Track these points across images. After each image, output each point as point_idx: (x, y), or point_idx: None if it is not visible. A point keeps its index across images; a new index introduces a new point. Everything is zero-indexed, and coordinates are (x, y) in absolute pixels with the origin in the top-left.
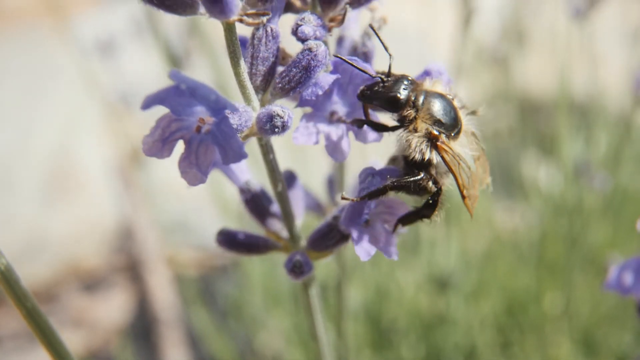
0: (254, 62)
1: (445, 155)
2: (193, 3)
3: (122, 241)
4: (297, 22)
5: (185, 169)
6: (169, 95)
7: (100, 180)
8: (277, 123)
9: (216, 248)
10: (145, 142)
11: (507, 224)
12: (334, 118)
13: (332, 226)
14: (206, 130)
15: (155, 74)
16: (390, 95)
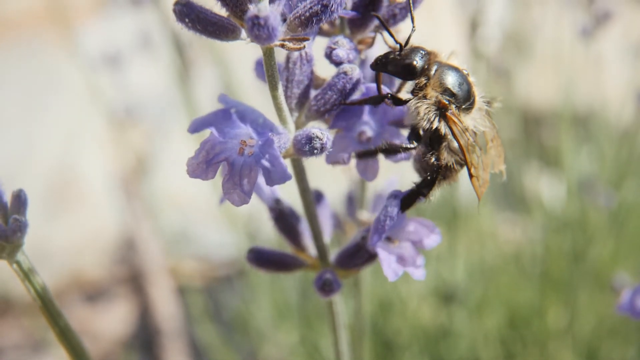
0: (289, 85)
1: (454, 126)
2: (234, 29)
3: (125, 252)
4: (330, 46)
5: (229, 190)
6: (218, 118)
7: (102, 192)
8: (317, 145)
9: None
10: (189, 164)
11: (508, 236)
12: (363, 138)
13: (359, 246)
14: (249, 152)
15: (159, 84)
16: (406, 62)
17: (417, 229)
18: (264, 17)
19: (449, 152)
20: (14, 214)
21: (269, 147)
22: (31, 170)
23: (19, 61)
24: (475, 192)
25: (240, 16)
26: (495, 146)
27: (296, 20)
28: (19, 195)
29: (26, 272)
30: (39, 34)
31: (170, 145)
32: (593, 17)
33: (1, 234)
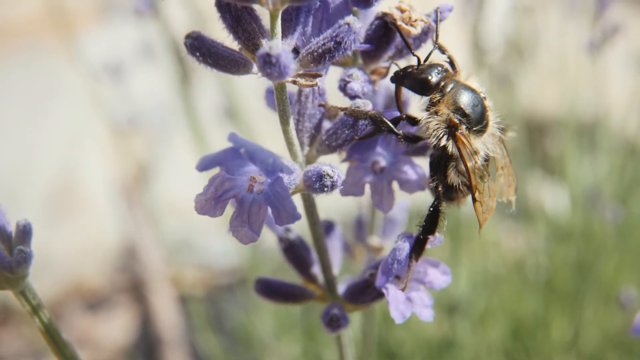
0: (300, 119)
1: (462, 147)
2: (246, 63)
3: (126, 260)
4: (344, 79)
5: (236, 227)
6: (227, 157)
7: (103, 200)
8: (327, 182)
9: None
10: (197, 201)
11: (511, 245)
12: (377, 167)
13: (368, 282)
14: (258, 190)
15: (160, 92)
16: (422, 77)
17: (426, 269)
18: (276, 55)
19: (456, 174)
20: (18, 244)
21: (278, 186)
22: (32, 177)
23: (19, 67)
24: (477, 217)
25: (252, 50)
26: (506, 175)
27: (309, 56)
28: (24, 226)
29: (32, 304)
30: (39, 40)
31: (171, 152)
32: (601, 31)
33: (6, 265)
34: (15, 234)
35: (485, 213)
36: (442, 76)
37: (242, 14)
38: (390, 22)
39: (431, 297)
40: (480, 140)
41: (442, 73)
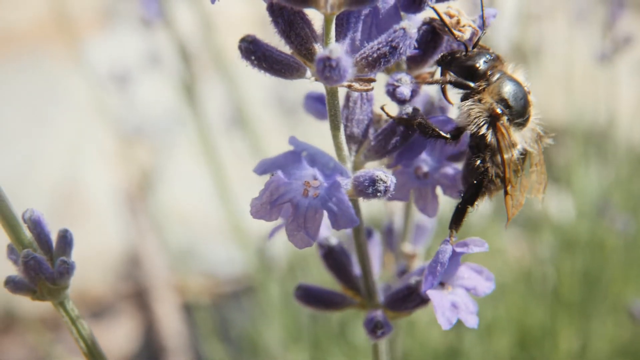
0: (348, 124)
1: (501, 138)
2: (300, 67)
3: (130, 268)
4: (393, 84)
5: (292, 232)
6: (287, 161)
7: (107, 207)
8: (380, 187)
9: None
10: (253, 205)
11: (516, 253)
12: (420, 172)
13: (412, 289)
14: (314, 194)
15: (164, 99)
16: (469, 63)
17: (470, 275)
18: (336, 58)
19: (491, 164)
20: (59, 254)
21: (336, 190)
22: (35, 184)
23: (22, 73)
24: (506, 211)
25: (304, 54)
26: (538, 172)
27: (363, 61)
28: (64, 236)
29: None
30: (42, 46)
31: (175, 160)
32: (612, 41)
33: (48, 276)
34: (57, 244)
35: (514, 208)
36: (489, 64)
37: (294, 18)
38: (438, 27)
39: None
40: (520, 133)
41: (490, 62)
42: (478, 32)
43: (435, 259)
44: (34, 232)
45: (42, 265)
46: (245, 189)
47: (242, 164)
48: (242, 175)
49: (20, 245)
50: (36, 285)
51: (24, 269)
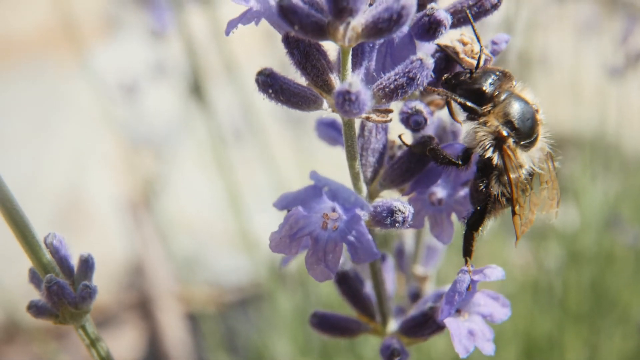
0: (364, 153)
1: (507, 160)
2: (317, 99)
3: (133, 277)
4: (407, 111)
5: (312, 265)
6: (308, 196)
7: (111, 216)
8: (399, 218)
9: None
10: (272, 239)
11: (520, 262)
12: (434, 199)
13: (427, 316)
14: (333, 227)
15: (169, 107)
16: (475, 87)
17: (487, 302)
18: (356, 92)
19: (498, 184)
20: (81, 278)
21: (356, 223)
22: (39, 192)
23: (27, 80)
24: (515, 230)
25: (321, 86)
26: (550, 189)
27: (380, 92)
28: (86, 260)
29: (91, 338)
30: (47, 53)
31: (180, 169)
32: (625, 56)
33: (71, 301)
34: (78, 268)
35: (523, 226)
36: (496, 85)
37: (310, 50)
38: (452, 54)
39: (492, 330)
40: (527, 154)
41: (496, 82)
42: (491, 59)
43: (452, 288)
44: (56, 256)
45: (65, 290)
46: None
47: (250, 171)
48: (249, 182)
49: (42, 269)
50: (59, 310)
51: (47, 294)
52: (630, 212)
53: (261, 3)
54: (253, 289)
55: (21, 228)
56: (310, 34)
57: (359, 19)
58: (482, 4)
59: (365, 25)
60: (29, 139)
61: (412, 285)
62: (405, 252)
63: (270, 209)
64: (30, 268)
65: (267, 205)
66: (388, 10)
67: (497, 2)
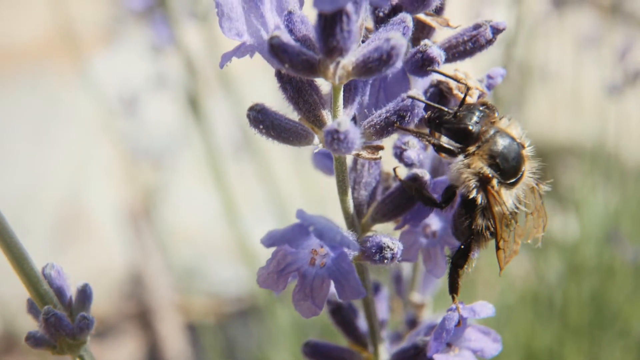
0: (356, 187)
1: (492, 200)
2: (308, 135)
3: (133, 288)
4: (400, 147)
5: (299, 301)
6: (295, 234)
7: (111, 226)
8: (387, 255)
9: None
10: (260, 274)
11: (519, 273)
12: (428, 231)
13: (418, 349)
14: (321, 264)
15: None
16: (461, 126)
17: (477, 337)
18: (344, 131)
19: (482, 218)
20: (79, 308)
21: (342, 261)
22: (39, 202)
23: (26, 90)
24: (498, 263)
25: (312, 121)
26: (535, 218)
27: (371, 129)
28: (84, 290)
29: None
30: (46, 63)
31: (180, 179)
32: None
33: (69, 332)
34: (76, 298)
35: (507, 257)
36: (482, 123)
37: (303, 85)
38: (445, 90)
39: None
40: (512, 191)
41: (482, 120)
42: (485, 94)
43: (441, 325)
44: (54, 286)
45: (63, 322)
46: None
47: (248, 182)
48: (248, 193)
49: (39, 300)
50: (56, 341)
51: (45, 325)
52: (630, 224)
53: (255, 37)
54: (252, 299)
55: (18, 259)
56: (300, 72)
57: (349, 58)
58: (477, 39)
59: (355, 64)
60: (29, 148)
61: (409, 311)
62: (403, 278)
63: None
64: (28, 298)
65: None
66: (378, 50)
67: (492, 38)
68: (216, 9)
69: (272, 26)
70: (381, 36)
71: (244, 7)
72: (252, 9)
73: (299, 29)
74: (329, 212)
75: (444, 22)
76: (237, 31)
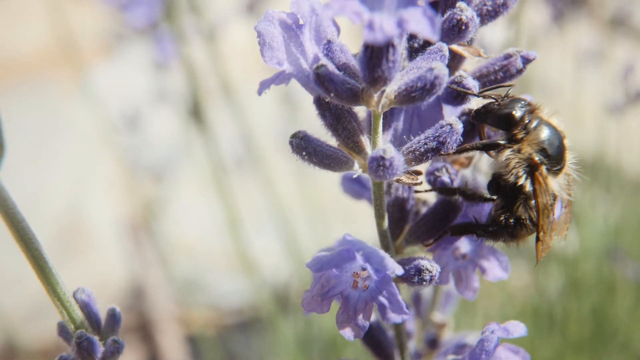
0: (390, 210)
1: (539, 187)
2: (348, 160)
3: (133, 300)
4: (434, 173)
5: (342, 323)
6: (342, 259)
7: (111, 238)
8: (426, 277)
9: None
10: (304, 298)
11: (518, 284)
12: (458, 254)
13: None
14: (364, 286)
15: (168, 130)
16: (505, 112)
17: (508, 355)
18: (390, 158)
19: (525, 208)
20: (108, 332)
21: (386, 284)
22: (40, 214)
23: (26, 101)
24: (536, 255)
25: (352, 147)
26: (566, 213)
27: (410, 155)
28: (113, 315)
29: None
30: (47, 74)
31: (180, 191)
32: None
33: (100, 357)
34: (105, 322)
35: (543, 251)
36: (525, 110)
37: (342, 113)
38: None
39: None
40: (556, 180)
41: (525, 107)
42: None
43: (480, 346)
44: (85, 311)
45: (95, 347)
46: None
47: (250, 194)
48: (249, 205)
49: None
50: None
51: (78, 349)
52: (631, 239)
53: (294, 66)
54: (253, 312)
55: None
56: (344, 100)
57: (392, 87)
58: (508, 68)
59: (398, 93)
60: (30, 160)
61: (430, 331)
62: (423, 298)
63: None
64: (59, 322)
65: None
66: (421, 79)
67: (522, 68)
68: (258, 39)
69: (311, 55)
70: (420, 65)
71: (284, 37)
72: (292, 38)
73: (338, 57)
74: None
75: (475, 52)
76: (277, 60)
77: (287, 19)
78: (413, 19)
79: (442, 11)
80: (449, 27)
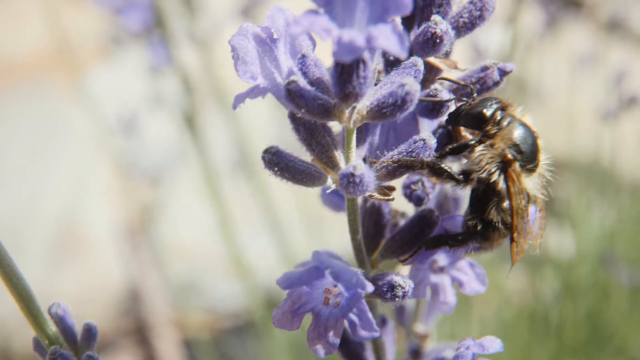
0: (365, 224)
1: (511, 184)
2: (321, 176)
3: (130, 304)
4: (410, 187)
5: (313, 340)
6: (312, 277)
7: (108, 242)
8: (399, 293)
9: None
10: (275, 314)
11: (515, 287)
12: (435, 267)
13: None
14: (335, 303)
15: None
16: (476, 110)
17: None
18: (360, 175)
19: (497, 211)
20: (84, 348)
21: (357, 301)
22: (37, 218)
23: (23, 104)
24: (511, 257)
25: (325, 162)
26: (540, 218)
27: (383, 170)
28: (89, 329)
29: None
30: (44, 77)
31: (176, 195)
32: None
33: None
34: (81, 337)
35: (517, 254)
36: (497, 107)
37: (316, 127)
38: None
39: None
40: (529, 179)
41: (497, 104)
42: None
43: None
44: (60, 326)
45: None
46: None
47: (243, 198)
48: (242, 209)
49: (45, 338)
50: None
51: None
52: (626, 243)
53: (268, 80)
54: (248, 315)
55: (26, 299)
56: (316, 116)
57: (364, 102)
58: (485, 81)
59: (370, 109)
60: (27, 164)
61: (413, 341)
62: (406, 308)
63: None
64: (34, 337)
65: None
66: (393, 95)
67: (499, 80)
68: (231, 53)
69: (286, 69)
70: (394, 80)
71: (258, 51)
72: (266, 53)
73: (312, 72)
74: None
75: (452, 65)
76: (251, 74)
77: (262, 33)
78: (382, 35)
79: (417, 24)
80: (424, 40)
